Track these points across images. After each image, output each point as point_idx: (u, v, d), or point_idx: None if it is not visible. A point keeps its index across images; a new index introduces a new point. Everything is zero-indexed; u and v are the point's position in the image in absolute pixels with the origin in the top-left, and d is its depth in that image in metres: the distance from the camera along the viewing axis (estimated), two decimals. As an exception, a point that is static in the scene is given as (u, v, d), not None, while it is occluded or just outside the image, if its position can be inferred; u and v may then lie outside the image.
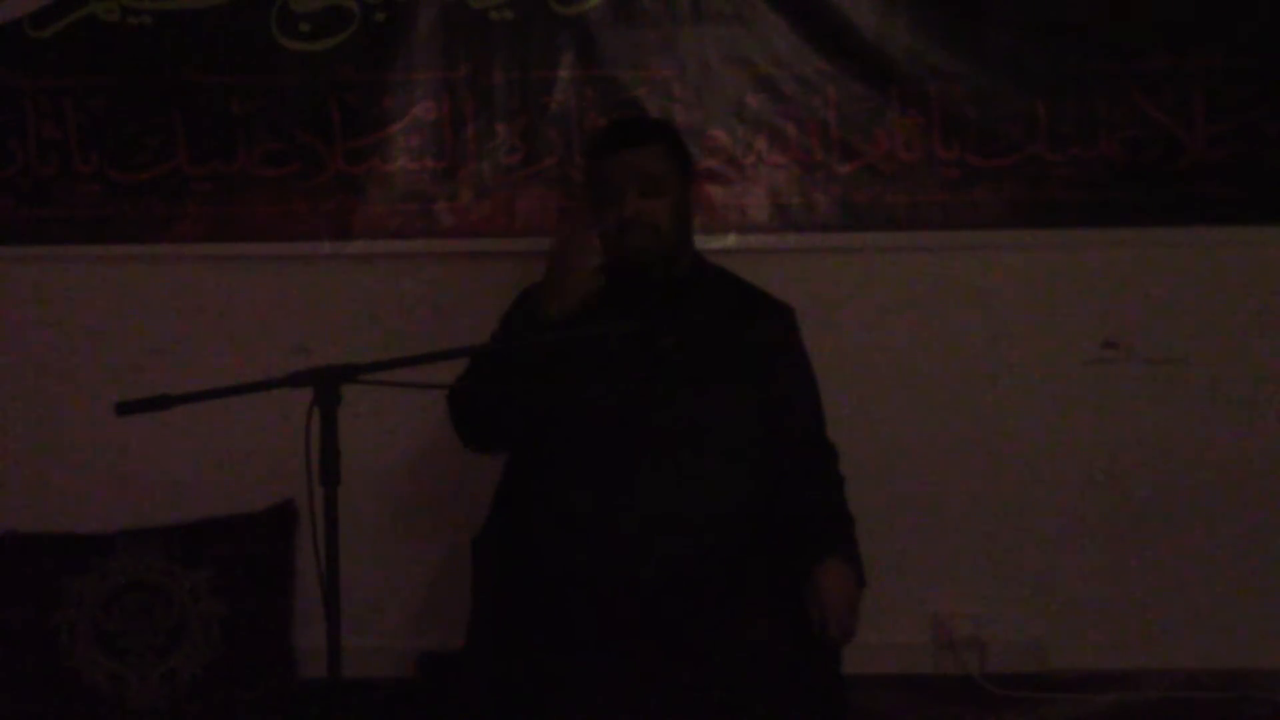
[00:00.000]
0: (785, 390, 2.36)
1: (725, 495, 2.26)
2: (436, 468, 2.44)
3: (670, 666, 2.06)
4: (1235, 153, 2.96)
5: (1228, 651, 3.04)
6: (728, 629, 2.07)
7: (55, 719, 2.89)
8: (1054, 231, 3.00)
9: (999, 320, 3.06)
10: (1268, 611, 3.06)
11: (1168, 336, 3.05)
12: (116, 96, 3.02)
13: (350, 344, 2.97)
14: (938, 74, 2.97)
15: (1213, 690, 2.95)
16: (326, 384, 1.82)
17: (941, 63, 2.97)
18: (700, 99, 2.99)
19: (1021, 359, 3.06)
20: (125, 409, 1.82)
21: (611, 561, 2.20)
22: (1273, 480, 3.05)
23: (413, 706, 2.89)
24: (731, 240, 3.02)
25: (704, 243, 2.97)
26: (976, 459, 3.07)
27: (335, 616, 1.82)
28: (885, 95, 2.99)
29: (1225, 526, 3.06)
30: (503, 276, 2.90)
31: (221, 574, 2.98)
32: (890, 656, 3.05)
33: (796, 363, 2.41)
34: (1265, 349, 3.04)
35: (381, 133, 3.02)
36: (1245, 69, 2.95)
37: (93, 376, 3.07)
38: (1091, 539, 3.08)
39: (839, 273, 3.05)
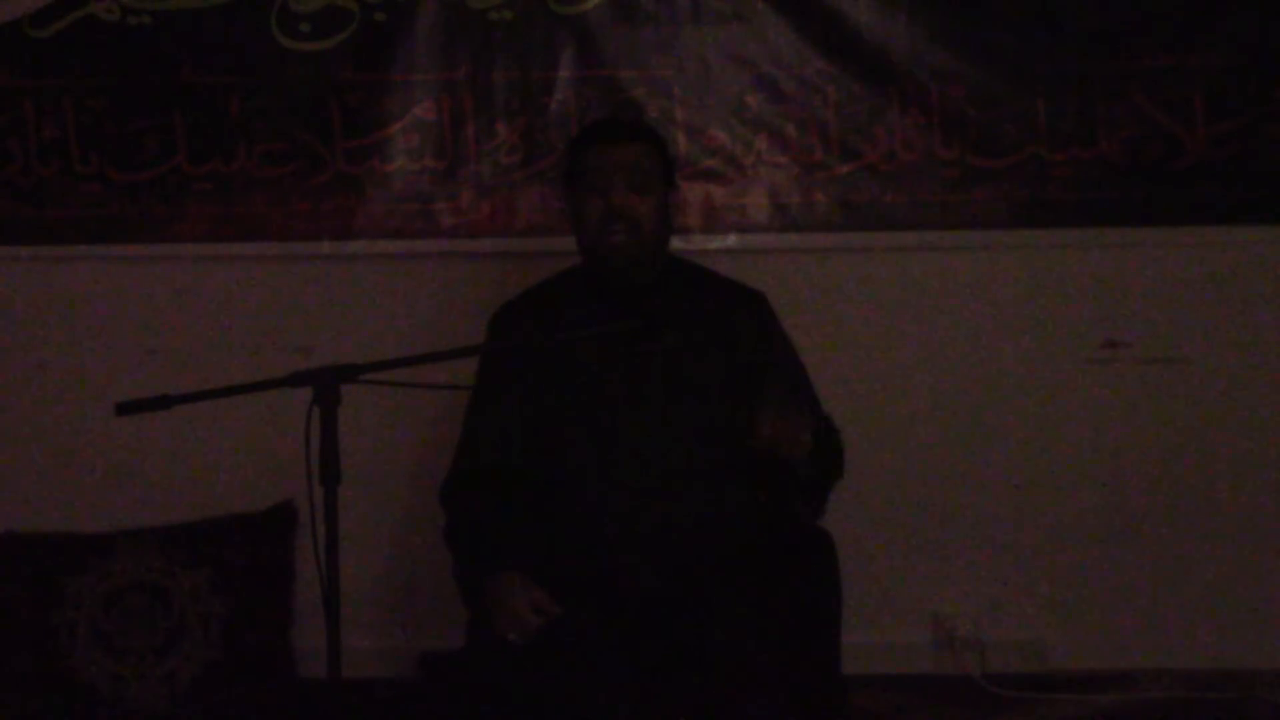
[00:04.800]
0: (775, 382, 2.35)
1: (719, 497, 2.26)
2: (436, 468, 2.43)
3: (669, 666, 2.06)
4: (1235, 153, 2.96)
5: (1228, 651, 3.04)
6: (727, 629, 2.07)
7: (55, 719, 2.89)
8: (1054, 231, 3.00)
9: (999, 320, 3.06)
10: (1268, 611, 3.06)
11: (1168, 336, 3.05)
12: (116, 96, 3.02)
13: (350, 344, 2.97)
14: (938, 74, 2.97)
15: (1213, 690, 2.94)
16: (326, 384, 1.82)
17: (941, 63, 2.97)
18: (700, 99, 2.99)
19: (1021, 359, 3.06)
20: (125, 409, 1.82)
21: (608, 564, 2.20)
22: (1273, 480, 3.05)
23: (413, 706, 2.89)
24: (731, 240, 3.02)
25: (704, 242, 2.99)
26: (976, 459, 3.07)
27: (335, 616, 1.82)
28: (885, 95, 2.99)
29: (1225, 526, 3.06)
30: (503, 276, 2.90)
31: (221, 574, 2.98)
32: (890, 656, 3.04)
33: (780, 351, 2.40)
34: (1265, 349, 3.04)
35: (381, 133, 3.02)
36: (1245, 69, 2.95)
37: (93, 376, 3.07)
38: (1091, 539, 3.08)
39: (839, 273, 3.05)
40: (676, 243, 2.84)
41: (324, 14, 3.00)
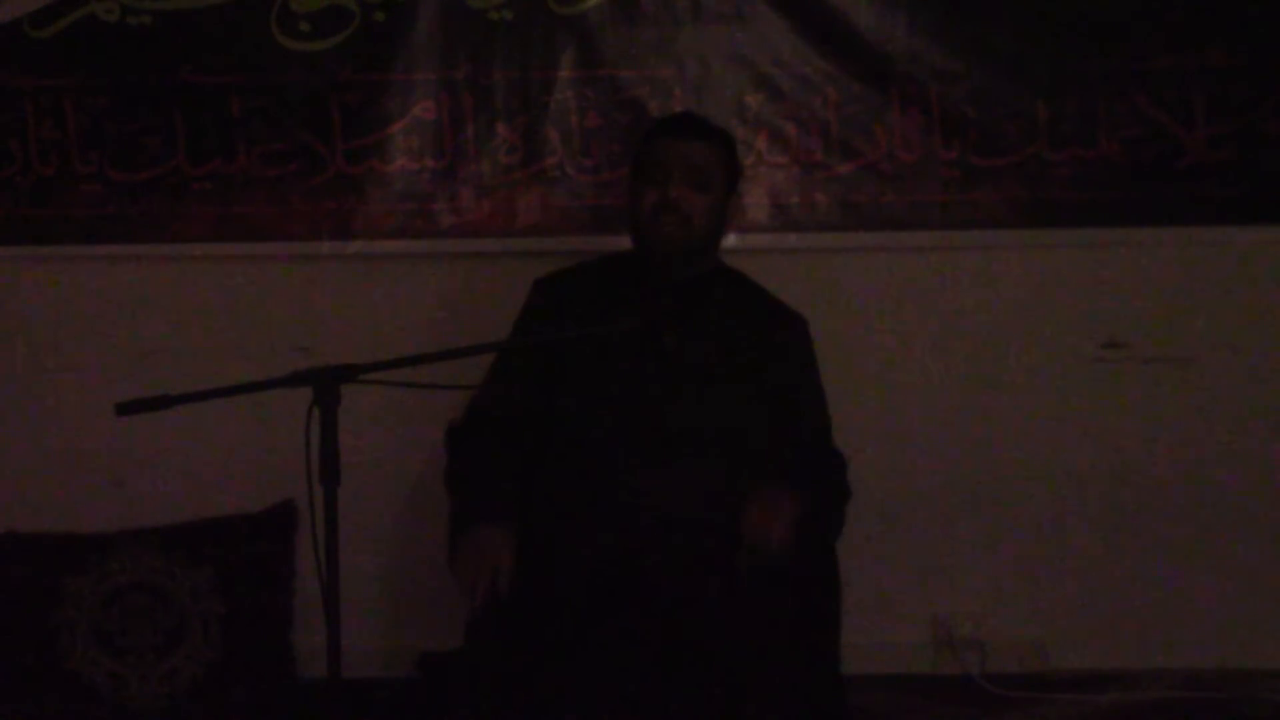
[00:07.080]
0: (793, 398, 2.36)
1: (727, 496, 2.26)
2: (436, 468, 2.43)
3: (670, 666, 2.06)
4: (1235, 153, 2.96)
5: (1228, 651, 3.05)
6: (728, 629, 2.07)
7: (55, 719, 2.89)
8: (1054, 231, 3.00)
9: (999, 320, 3.06)
10: (1268, 611, 3.06)
11: (1168, 336, 3.05)
12: (116, 96, 3.02)
13: (350, 344, 2.96)
14: (938, 74, 2.97)
15: (1213, 690, 2.95)
16: (326, 384, 1.82)
17: (941, 63, 2.97)
18: (700, 99, 2.99)
19: (1021, 359, 3.06)
20: (125, 409, 1.82)
21: (612, 562, 2.20)
22: (1273, 480, 3.05)
23: (413, 706, 2.89)
24: (731, 240, 2.99)
25: (704, 243, 2.98)
26: (977, 459, 3.07)
27: (335, 616, 1.82)
28: (885, 95, 2.99)
29: (1225, 526, 3.06)
30: (502, 276, 2.90)
31: (221, 574, 2.98)
32: (890, 656, 3.05)
33: (806, 373, 2.41)
34: (1265, 349, 3.04)
35: (381, 133, 3.02)
36: (1245, 69, 2.95)
37: (93, 376, 3.07)
38: (1092, 539, 3.08)
39: (839, 273, 3.05)
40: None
41: (324, 14, 3.00)
